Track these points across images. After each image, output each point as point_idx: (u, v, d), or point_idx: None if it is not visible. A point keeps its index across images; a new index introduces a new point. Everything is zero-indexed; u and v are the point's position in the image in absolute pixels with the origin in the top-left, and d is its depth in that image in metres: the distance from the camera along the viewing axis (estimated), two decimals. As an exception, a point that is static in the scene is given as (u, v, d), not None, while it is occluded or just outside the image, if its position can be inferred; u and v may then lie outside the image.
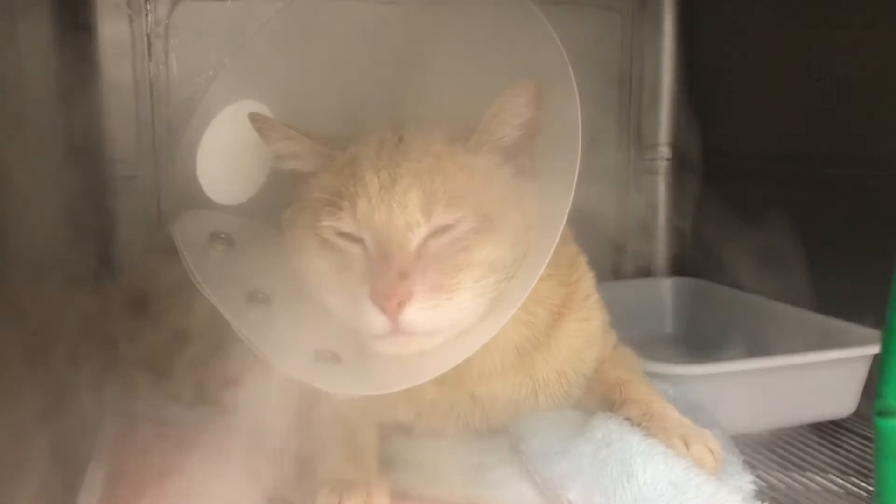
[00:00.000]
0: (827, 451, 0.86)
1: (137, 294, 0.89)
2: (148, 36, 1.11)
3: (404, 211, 0.66)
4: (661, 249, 1.39)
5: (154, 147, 1.13)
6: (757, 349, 0.89)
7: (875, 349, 0.85)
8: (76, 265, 0.87)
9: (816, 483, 0.79)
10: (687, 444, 0.68)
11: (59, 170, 0.87)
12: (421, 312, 0.64)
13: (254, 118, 0.73)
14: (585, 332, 0.82)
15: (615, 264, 1.32)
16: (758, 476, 0.72)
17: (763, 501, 0.66)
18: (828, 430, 0.90)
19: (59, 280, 0.78)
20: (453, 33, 0.75)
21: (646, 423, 0.71)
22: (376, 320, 0.64)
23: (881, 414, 0.50)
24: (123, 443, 0.82)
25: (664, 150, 1.38)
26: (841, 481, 0.79)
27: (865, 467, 0.81)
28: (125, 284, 0.92)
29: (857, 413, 0.91)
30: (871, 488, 0.76)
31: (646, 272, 1.37)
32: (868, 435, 0.87)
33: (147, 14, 1.11)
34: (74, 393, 0.84)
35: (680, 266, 1.35)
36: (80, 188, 0.92)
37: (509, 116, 0.68)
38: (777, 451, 0.85)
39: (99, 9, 1.10)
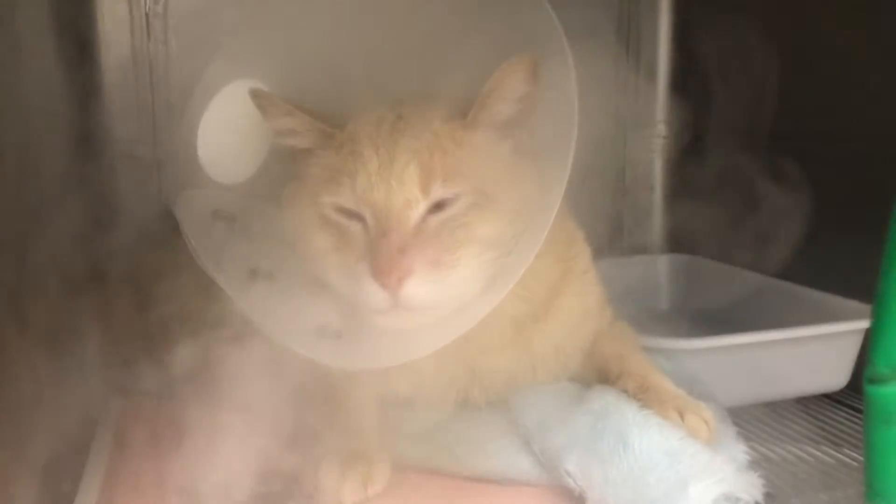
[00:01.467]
0: (820, 424, 0.87)
1: (139, 273, 0.90)
2: (147, 15, 1.11)
3: (402, 188, 0.67)
4: (657, 226, 1.39)
5: (154, 126, 1.13)
6: (751, 324, 0.90)
7: (867, 323, 0.86)
8: (77, 244, 0.87)
9: (809, 454, 0.80)
10: (682, 416, 0.69)
11: (59, 149, 0.87)
12: (420, 288, 0.65)
13: (255, 94, 0.73)
14: (583, 307, 0.83)
15: (612, 241, 1.32)
16: (752, 447, 0.73)
17: (757, 472, 0.67)
18: (821, 403, 0.91)
19: (59, 259, 0.78)
20: (451, 7, 0.75)
21: (642, 396, 0.72)
22: (376, 296, 0.65)
23: (871, 381, 0.51)
24: (126, 420, 0.83)
25: (661, 128, 1.38)
26: (833, 452, 0.80)
27: (858, 439, 0.82)
28: (126, 263, 0.92)
29: (849, 386, 0.92)
30: (862, 458, 0.78)
31: (642, 249, 1.38)
32: (860, 408, 0.88)
33: (145, -8, 1.11)
34: (77, 370, 0.85)
35: (676, 243, 1.36)
36: (81, 168, 0.92)
37: (506, 91, 0.69)
38: (771, 423, 0.86)
39: (97, -13, 1.10)
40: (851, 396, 0.92)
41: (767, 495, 0.65)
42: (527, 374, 0.80)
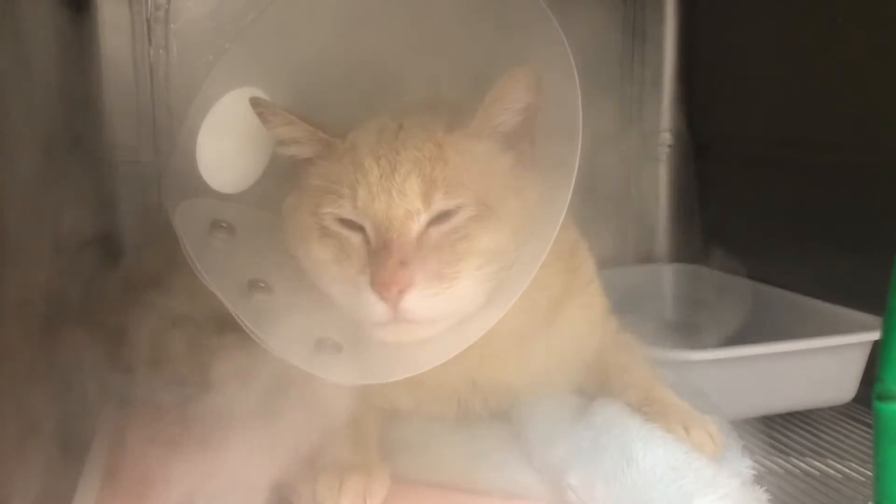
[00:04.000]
0: (826, 438, 0.86)
1: (139, 278, 0.90)
2: (148, 20, 1.11)
3: (404, 199, 0.66)
4: (662, 236, 1.39)
5: (154, 132, 1.13)
6: (757, 335, 0.89)
7: (875, 335, 0.85)
8: (77, 251, 0.87)
9: (815, 468, 0.80)
10: (687, 430, 0.68)
11: (60, 155, 0.87)
12: (421, 300, 0.64)
13: (255, 102, 0.73)
14: (586, 318, 0.82)
15: (616, 250, 1.32)
16: (757, 461, 0.73)
17: (762, 486, 0.66)
18: (827, 417, 0.91)
19: (60, 265, 0.78)
20: (453, 16, 0.74)
21: (646, 409, 0.71)
22: (376, 308, 0.64)
23: (881, 398, 0.50)
24: (125, 428, 0.82)
25: (666, 137, 1.37)
26: (840, 466, 0.80)
27: (864, 453, 0.82)
28: (127, 269, 0.92)
29: (856, 399, 0.92)
30: (869, 473, 0.77)
31: (647, 258, 1.37)
32: (867, 421, 0.88)
33: (147, -2, 1.11)
34: (76, 378, 0.84)
35: (681, 252, 1.35)
36: (81, 174, 0.92)
37: (509, 102, 0.68)
38: (776, 436, 0.86)
39: (99, -7, 1.10)
40: (858, 410, 0.91)
41: (773, 510, 0.65)
42: (529, 386, 0.79)
